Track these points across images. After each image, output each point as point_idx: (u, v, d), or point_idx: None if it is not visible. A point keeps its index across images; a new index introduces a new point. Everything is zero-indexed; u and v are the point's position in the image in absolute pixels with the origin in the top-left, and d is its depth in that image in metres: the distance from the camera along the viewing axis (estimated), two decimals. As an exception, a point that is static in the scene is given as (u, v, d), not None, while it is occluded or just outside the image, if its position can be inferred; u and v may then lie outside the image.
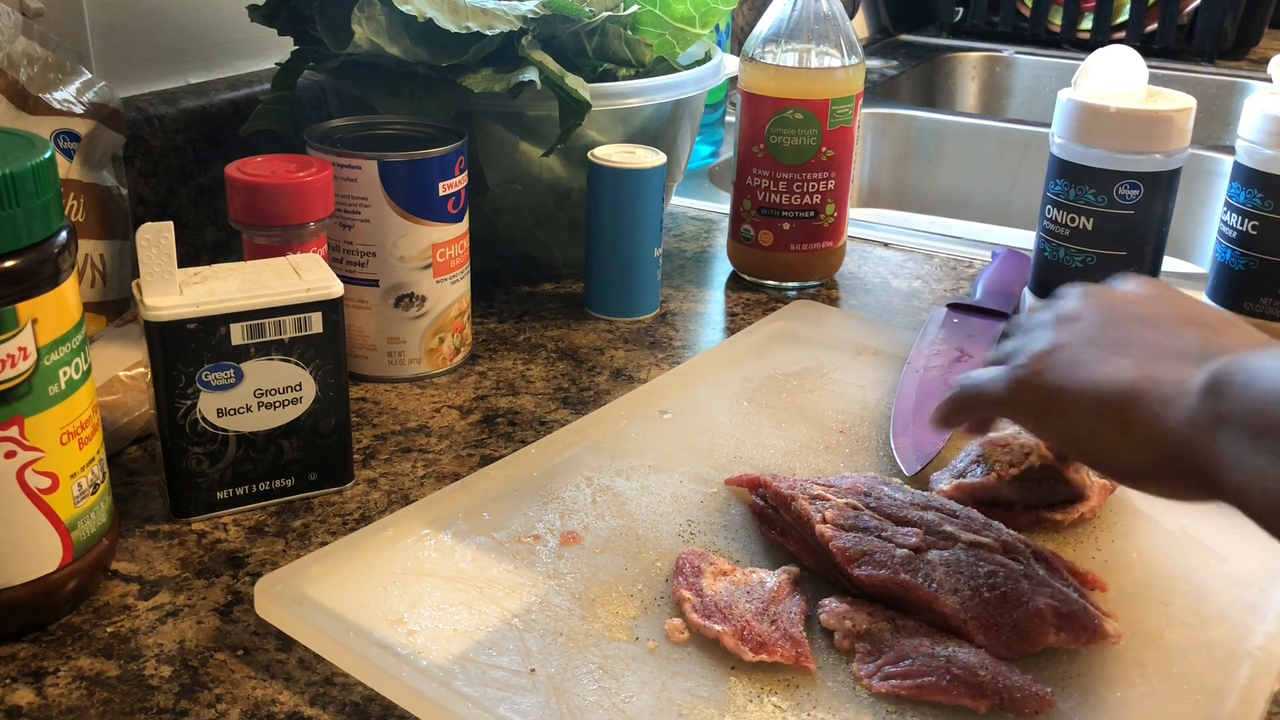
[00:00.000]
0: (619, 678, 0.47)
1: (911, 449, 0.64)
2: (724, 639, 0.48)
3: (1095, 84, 0.76)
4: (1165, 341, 0.46)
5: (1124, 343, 0.47)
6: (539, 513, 0.58)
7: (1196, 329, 0.47)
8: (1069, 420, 0.47)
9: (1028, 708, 0.45)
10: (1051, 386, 0.48)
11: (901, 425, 0.66)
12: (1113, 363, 0.46)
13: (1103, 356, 0.47)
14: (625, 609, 0.51)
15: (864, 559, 0.51)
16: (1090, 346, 0.48)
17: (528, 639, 0.49)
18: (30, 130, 0.59)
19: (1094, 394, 0.46)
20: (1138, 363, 0.45)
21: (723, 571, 0.52)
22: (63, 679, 0.48)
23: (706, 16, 0.89)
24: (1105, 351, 0.47)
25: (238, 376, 0.57)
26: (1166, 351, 0.46)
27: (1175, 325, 0.47)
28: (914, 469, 0.62)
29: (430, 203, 0.71)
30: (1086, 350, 0.47)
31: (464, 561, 0.54)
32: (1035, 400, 0.48)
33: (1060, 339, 0.49)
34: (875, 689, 0.47)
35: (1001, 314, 0.81)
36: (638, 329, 0.83)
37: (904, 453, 0.63)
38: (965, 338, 0.77)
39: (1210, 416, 0.41)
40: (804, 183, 0.86)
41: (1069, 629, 0.49)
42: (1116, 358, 0.46)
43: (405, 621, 0.49)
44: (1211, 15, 1.72)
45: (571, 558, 0.54)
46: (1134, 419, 0.44)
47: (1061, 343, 0.48)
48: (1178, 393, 0.43)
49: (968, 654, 0.47)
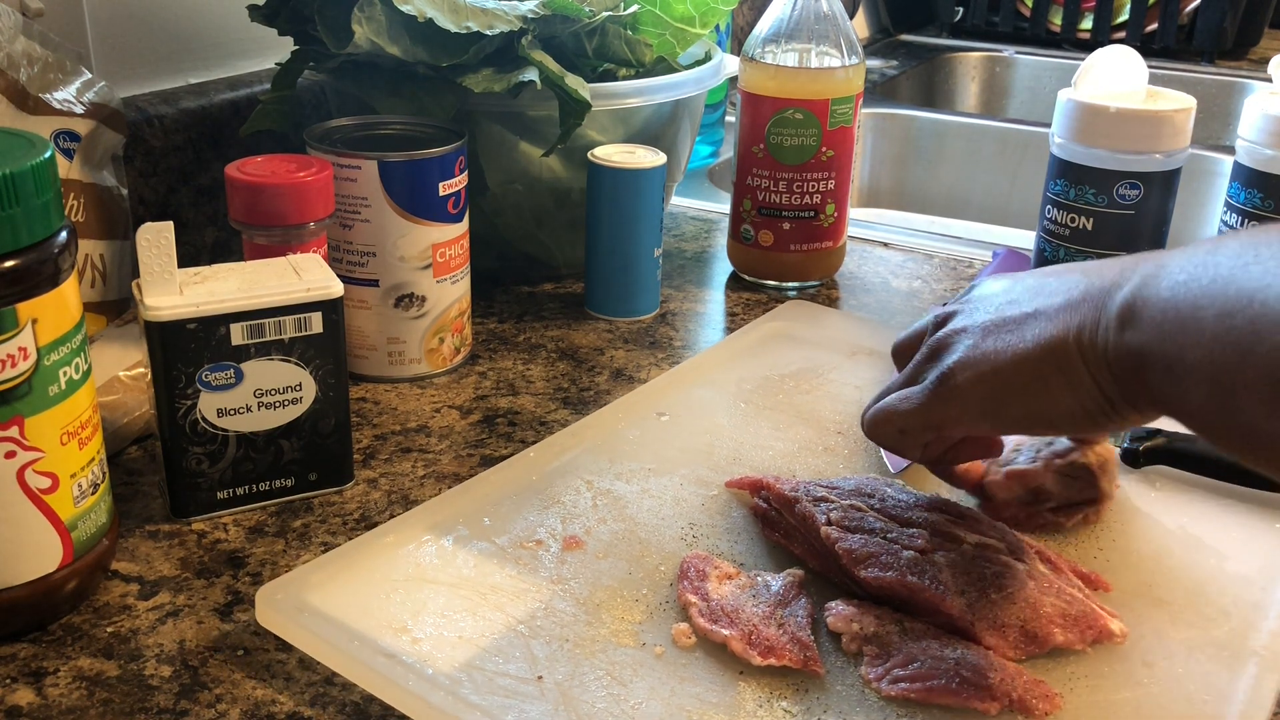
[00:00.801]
0: (627, 684, 0.47)
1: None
2: (731, 643, 0.48)
3: (1095, 84, 0.76)
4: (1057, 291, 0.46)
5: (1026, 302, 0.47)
6: (540, 517, 0.57)
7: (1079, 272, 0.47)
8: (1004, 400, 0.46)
9: (1037, 709, 0.45)
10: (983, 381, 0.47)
11: None
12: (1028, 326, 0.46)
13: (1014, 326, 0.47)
14: (631, 614, 0.51)
15: (870, 561, 0.51)
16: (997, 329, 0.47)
17: (534, 645, 0.49)
18: (30, 130, 0.59)
19: (1024, 362, 0.45)
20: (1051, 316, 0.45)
21: (728, 575, 0.52)
22: (63, 679, 0.48)
23: (706, 16, 0.89)
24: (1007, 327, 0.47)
25: (238, 376, 0.57)
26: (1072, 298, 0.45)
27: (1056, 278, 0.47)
28: (900, 467, 0.62)
29: (430, 203, 0.71)
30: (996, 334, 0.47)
31: (466, 567, 0.53)
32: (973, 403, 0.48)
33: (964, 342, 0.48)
34: (885, 692, 0.46)
35: None
36: (638, 329, 0.83)
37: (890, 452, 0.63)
38: None
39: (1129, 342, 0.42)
40: (804, 183, 0.86)
41: (1075, 629, 0.49)
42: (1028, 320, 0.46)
43: (409, 629, 0.49)
44: (1211, 15, 1.72)
45: (574, 563, 0.54)
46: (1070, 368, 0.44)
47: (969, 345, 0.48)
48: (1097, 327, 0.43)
49: (976, 656, 0.47)
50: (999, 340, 0.47)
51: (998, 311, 0.48)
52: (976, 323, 0.48)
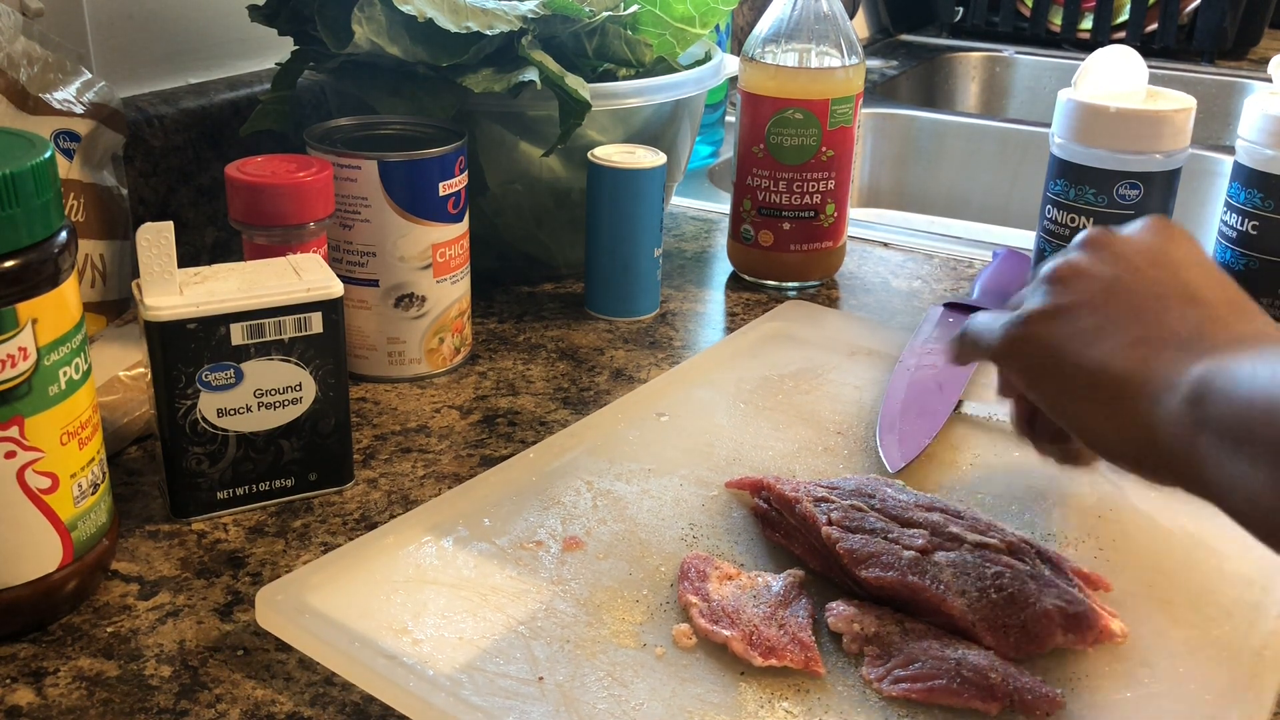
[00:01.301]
0: (628, 685, 0.47)
1: (896, 446, 0.64)
2: (732, 644, 0.48)
3: (1095, 84, 0.76)
4: (1165, 322, 0.45)
5: (1123, 316, 0.46)
6: (540, 518, 0.57)
7: (1200, 310, 0.45)
8: (1058, 390, 0.46)
9: (1038, 709, 0.45)
10: (1043, 353, 0.47)
11: (889, 423, 0.66)
12: (1108, 340, 0.45)
13: (1099, 331, 0.46)
14: (631, 615, 0.51)
15: (871, 561, 0.51)
16: (1090, 314, 0.46)
17: (534, 646, 0.48)
18: (30, 130, 0.59)
19: (1084, 373, 0.45)
20: (1132, 345, 0.45)
21: (728, 576, 0.52)
22: (63, 679, 0.48)
23: (706, 16, 0.89)
24: (1103, 324, 0.46)
25: (238, 376, 0.57)
26: (1164, 336, 0.45)
27: (1180, 303, 0.46)
28: (897, 466, 0.62)
29: (430, 203, 0.71)
30: (1085, 318, 0.46)
31: (466, 568, 0.53)
32: (1026, 363, 0.48)
33: (1060, 300, 0.47)
34: (886, 692, 0.46)
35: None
36: (638, 329, 0.83)
37: (889, 450, 0.64)
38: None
39: (1194, 420, 0.41)
40: (804, 183, 0.86)
41: (1076, 629, 0.49)
42: (1113, 334, 0.45)
43: (410, 630, 0.49)
44: (1211, 15, 1.72)
45: (575, 563, 0.54)
46: (1121, 407, 0.44)
47: (1061, 304, 0.47)
48: (1165, 389, 0.42)
49: (977, 656, 0.47)
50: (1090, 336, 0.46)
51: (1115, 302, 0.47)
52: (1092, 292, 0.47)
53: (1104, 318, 0.46)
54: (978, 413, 0.69)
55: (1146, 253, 0.48)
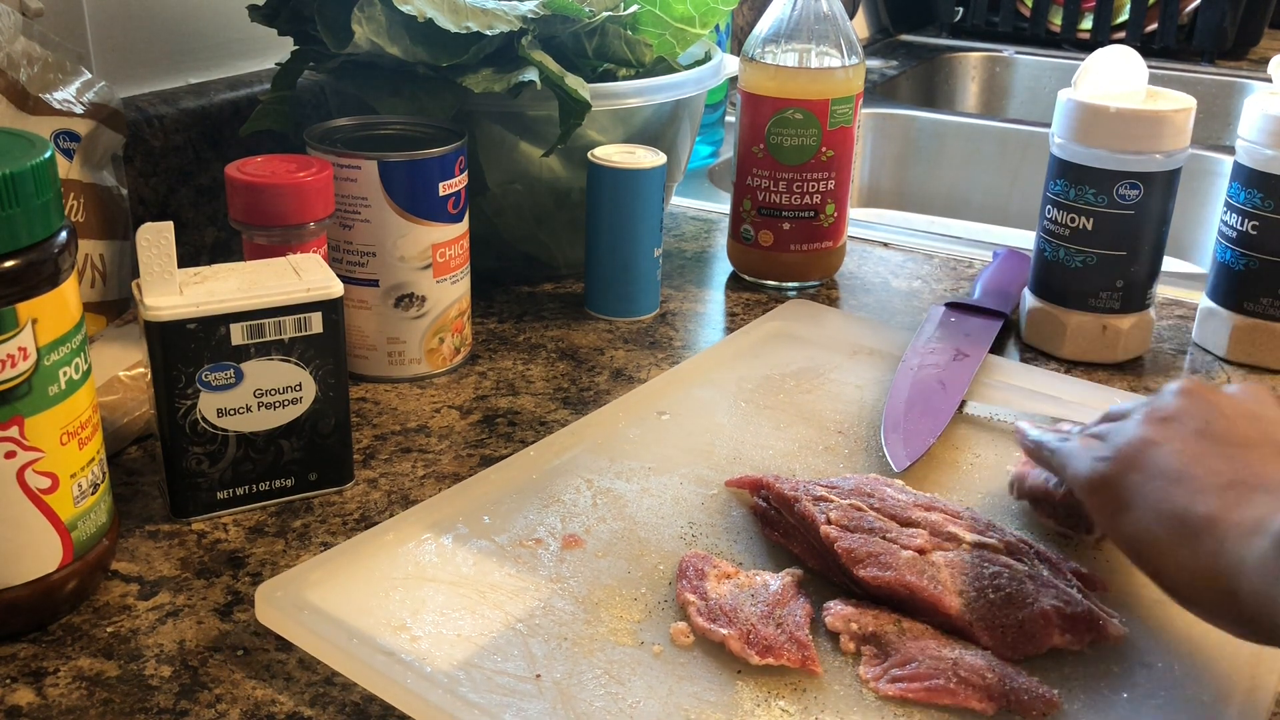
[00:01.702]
0: (625, 683, 0.47)
1: (901, 446, 0.64)
2: (730, 643, 0.48)
3: (1095, 84, 0.76)
4: (1255, 470, 0.44)
5: (1212, 460, 0.45)
6: (540, 516, 0.57)
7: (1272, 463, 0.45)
8: (1138, 529, 0.46)
9: (1035, 709, 0.45)
10: (1129, 490, 0.46)
11: (893, 423, 0.66)
12: (1197, 480, 0.44)
13: (1189, 471, 0.45)
14: (629, 613, 0.51)
15: (869, 560, 0.51)
16: (1178, 455, 0.46)
17: (532, 644, 0.49)
18: (30, 130, 0.59)
19: (1169, 511, 0.44)
20: (1223, 488, 0.44)
21: (726, 574, 0.52)
22: (63, 679, 0.48)
23: (706, 16, 0.89)
24: (1193, 464, 0.45)
25: (238, 376, 0.57)
26: (1253, 483, 0.44)
27: (1271, 451, 0.45)
28: (902, 465, 0.62)
29: (430, 203, 0.71)
30: (1174, 458, 0.46)
31: (466, 566, 0.53)
32: (1110, 498, 0.47)
33: (1150, 436, 0.47)
34: (882, 692, 0.46)
35: (999, 313, 0.81)
36: (638, 329, 0.83)
37: (893, 449, 0.64)
38: (962, 337, 0.77)
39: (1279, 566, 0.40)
40: (804, 183, 0.86)
41: (1074, 630, 0.49)
42: (1200, 477, 0.45)
43: (408, 627, 0.49)
44: (1211, 15, 1.72)
45: (574, 561, 0.54)
46: (1204, 547, 0.43)
47: (1151, 441, 0.47)
48: (1255, 530, 0.41)
49: (974, 656, 0.47)
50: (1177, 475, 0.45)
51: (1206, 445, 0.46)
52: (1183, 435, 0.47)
53: (1193, 459, 0.46)
54: (980, 413, 0.69)
55: (1240, 406, 0.48)
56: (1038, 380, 0.73)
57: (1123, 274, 0.76)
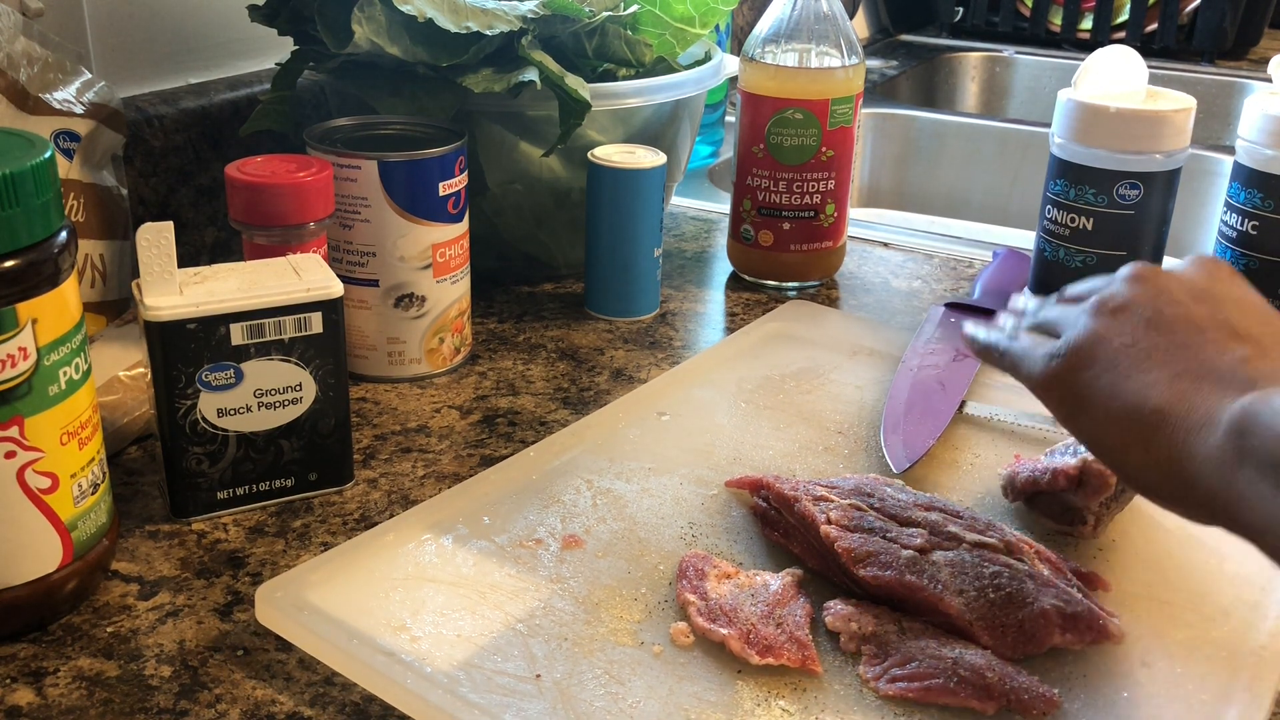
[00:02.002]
0: (625, 683, 0.47)
1: (901, 447, 0.64)
2: (730, 643, 0.48)
3: (1095, 84, 0.76)
4: (1208, 357, 0.45)
5: (1165, 350, 0.45)
6: (540, 516, 0.57)
7: (1243, 346, 0.45)
8: (1095, 424, 0.46)
9: (1035, 709, 0.45)
10: (1083, 386, 0.46)
11: (893, 423, 0.66)
12: (1148, 374, 0.45)
13: (1140, 364, 0.45)
14: (629, 613, 0.51)
15: (870, 560, 0.51)
16: (1130, 348, 0.46)
17: (532, 644, 0.49)
18: (30, 130, 0.59)
19: (1121, 406, 0.45)
20: (1173, 379, 0.44)
21: (726, 574, 0.52)
22: (63, 679, 0.48)
23: (706, 16, 0.89)
24: (1143, 358, 0.45)
25: (238, 376, 0.57)
26: (1205, 370, 0.44)
27: (1224, 337, 0.45)
28: (902, 466, 0.62)
29: (430, 203, 0.71)
30: (1125, 352, 0.46)
31: (466, 566, 0.53)
32: (1066, 396, 0.47)
33: (1102, 331, 0.47)
34: (882, 691, 0.46)
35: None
36: (638, 329, 0.83)
37: (893, 450, 0.64)
38: (958, 337, 0.77)
39: (1233, 454, 0.40)
40: (804, 183, 0.86)
41: (1074, 629, 0.49)
42: (1153, 368, 0.45)
43: (408, 627, 0.49)
44: (1211, 15, 1.72)
45: (574, 561, 0.54)
46: (1158, 441, 0.43)
47: (1102, 336, 0.47)
48: (1205, 423, 0.42)
49: (974, 655, 0.47)
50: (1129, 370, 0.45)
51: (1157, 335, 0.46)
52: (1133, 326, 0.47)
53: (1144, 351, 0.46)
54: (980, 413, 0.69)
55: (1190, 288, 0.48)
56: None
57: (1123, 274, 0.76)
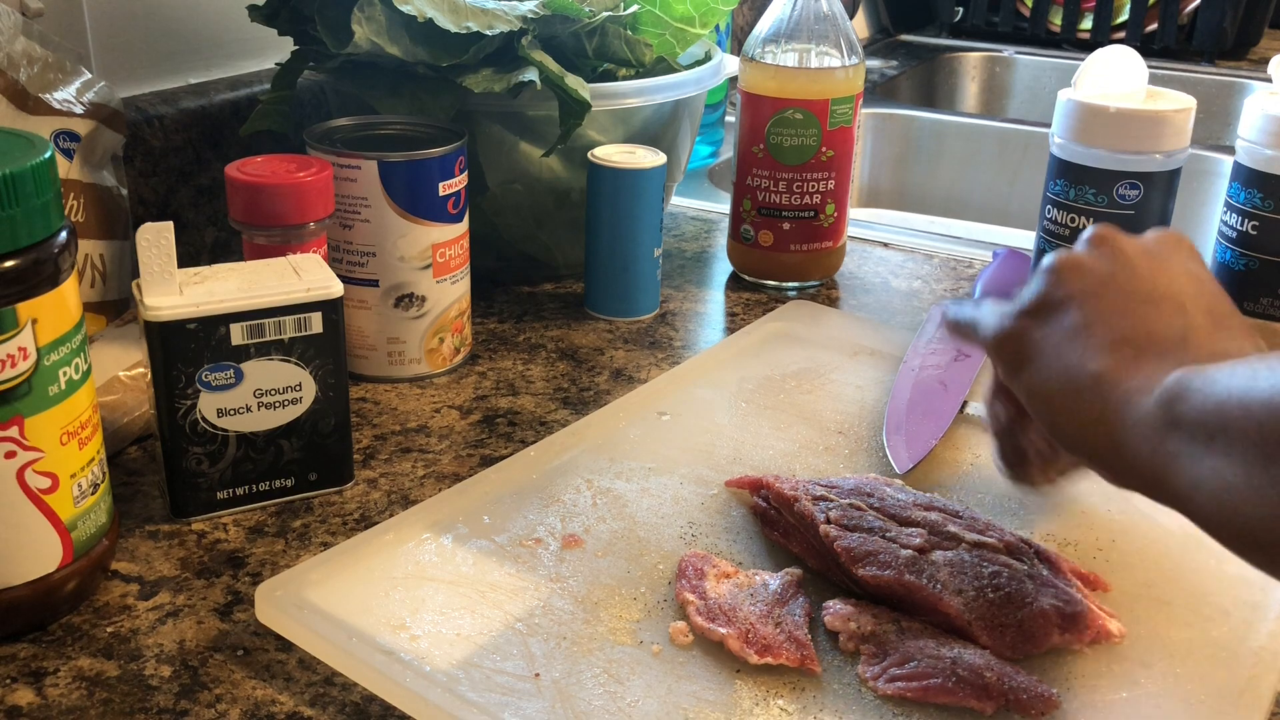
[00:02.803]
0: (624, 682, 0.47)
1: (904, 448, 0.64)
2: (729, 642, 0.48)
3: (1095, 84, 0.76)
4: (1150, 326, 0.45)
5: (1112, 315, 0.46)
6: (540, 516, 0.57)
7: (1187, 319, 0.45)
8: (1034, 382, 0.47)
9: (1034, 709, 0.45)
10: (1029, 345, 0.47)
11: (895, 424, 0.66)
12: (1092, 337, 0.45)
13: (1084, 327, 0.46)
14: (629, 612, 0.51)
15: (869, 559, 0.51)
16: (1078, 309, 0.46)
17: (531, 643, 0.49)
18: (30, 130, 0.59)
19: (1063, 367, 0.45)
20: (1116, 345, 0.45)
21: (726, 574, 0.52)
22: (63, 679, 0.48)
23: (706, 16, 0.89)
24: (1089, 321, 0.46)
25: (238, 376, 0.57)
26: (1149, 340, 0.45)
27: (1169, 309, 0.46)
28: (905, 467, 0.62)
29: (430, 203, 0.71)
30: (1073, 313, 0.46)
31: (465, 565, 0.53)
32: (1012, 353, 0.48)
33: (1053, 293, 0.48)
34: (881, 691, 0.46)
35: None
36: (638, 329, 0.83)
37: (896, 451, 0.64)
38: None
39: (1164, 421, 0.41)
40: (804, 183, 0.86)
41: (1073, 629, 0.49)
42: (1097, 333, 0.45)
43: (408, 626, 0.49)
44: (1211, 15, 1.72)
45: (573, 561, 0.54)
46: (1092, 405, 0.44)
47: (1052, 297, 0.47)
48: (1139, 389, 0.43)
49: (973, 655, 0.47)
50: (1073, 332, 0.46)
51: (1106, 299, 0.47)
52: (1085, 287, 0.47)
53: (1091, 314, 0.46)
54: (982, 413, 0.69)
55: (1146, 256, 0.48)
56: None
57: (1123, 274, 0.76)
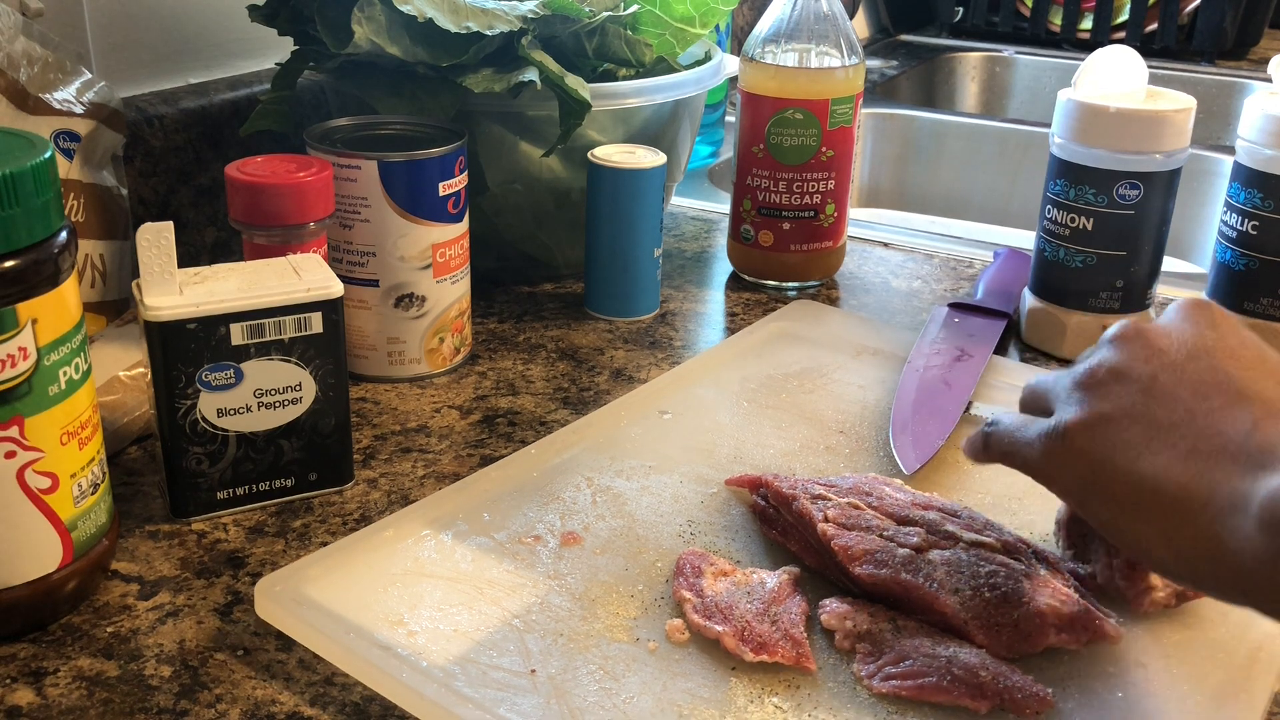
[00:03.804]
0: (620, 679, 0.47)
1: (911, 448, 0.64)
2: (724, 640, 0.48)
3: (1095, 84, 0.76)
4: (1216, 427, 0.41)
5: (1171, 426, 0.42)
6: (539, 513, 0.58)
7: (1250, 407, 0.42)
8: (1110, 509, 0.43)
9: (1028, 708, 0.45)
10: (1090, 467, 0.43)
11: (901, 424, 0.66)
12: (1159, 455, 0.42)
13: (1147, 441, 0.42)
14: (626, 609, 0.51)
15: (866, 558, 0.51)
16: (1133, 423, 0.43)
17: (528, 640, 0.49)
18: (30, 130, 0.59)
19: (1138, 490, 0.42)
20: (1186, 458, 0.41)
21: (723, 572, 0.52)
22: (63, 679, 0.48)
23: (706, 16, 0.89)
24: (1150, 433, 0.42)
25: (238, 376, 0.57)
26: (1218, 445, 0.41)
27: (1227, 400, 0.42)
28: (913, 468, 0.62)
29: (430, 203, 0.71)
30: (1129, 428, 0.43)
31: (464, 562, 0.54)
32: (1072, 482, 0.45)
33: (1100, 408, 0.44)
34: (876, 689, 0.46)
35: (1003, 314, 0.81)
36: (638, 329, 0.83)
37: (903, 451, 0.63)
38: (966, 337, 0.77)
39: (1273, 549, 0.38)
40: (804, 183, 0.86)
41: (1070, 629, 0.49)
42: (1162, 449, 0.42)
43: (405, 622, 0.49)
44: (1211, 15, 1.72)
45: (572, 558, 0.54)
46: (1184, 529, 0.41)
47: (1101, 413, 0.44)
48: (1231, 507, 0.39)
49: (968, 654, 0.47)
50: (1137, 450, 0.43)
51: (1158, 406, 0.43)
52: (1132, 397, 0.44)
53: (1150, 425, 0.43)
54: (986, 413, 0.69)
55: (1183, 344, 0.45)
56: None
57: (1123, 274, 0.76)
